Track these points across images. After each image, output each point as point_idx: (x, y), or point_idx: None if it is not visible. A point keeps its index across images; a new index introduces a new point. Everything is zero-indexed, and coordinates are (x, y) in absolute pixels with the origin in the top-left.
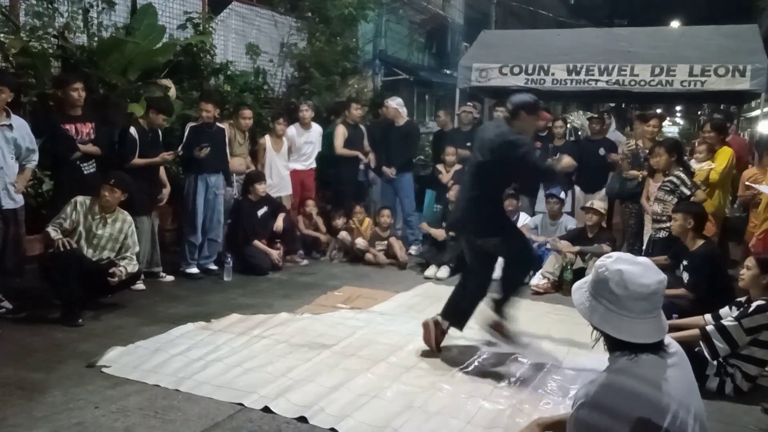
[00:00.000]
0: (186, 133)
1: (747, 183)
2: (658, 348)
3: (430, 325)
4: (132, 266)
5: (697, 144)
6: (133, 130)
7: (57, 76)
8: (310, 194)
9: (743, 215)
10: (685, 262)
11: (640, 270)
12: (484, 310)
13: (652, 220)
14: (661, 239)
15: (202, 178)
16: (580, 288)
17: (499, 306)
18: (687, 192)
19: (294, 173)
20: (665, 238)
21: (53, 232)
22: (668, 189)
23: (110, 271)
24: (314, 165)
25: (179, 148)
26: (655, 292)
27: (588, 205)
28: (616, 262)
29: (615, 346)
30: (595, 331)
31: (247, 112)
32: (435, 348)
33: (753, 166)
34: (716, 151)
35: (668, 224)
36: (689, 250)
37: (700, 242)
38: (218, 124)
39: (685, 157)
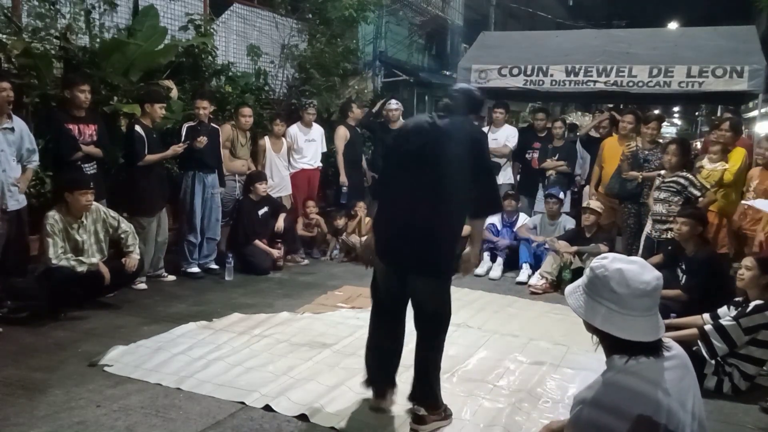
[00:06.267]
0: (183, 133)
1: (743, 202)
2: (657, 349)
3: None
4: (136, 252)
5: (709, 143)
6: (138, 128)
7: (65, 76)
8: (314, 193)
9: None
10: (683, 266)
11: (638, 268)
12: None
13: (653, 220)
14: (666, 240)
15: (198, 178)
16: (575, 291)
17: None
18: (697, 193)
19: (302, 172)
20: (672, 238)
21: (66, 262)
22: (674, 190)
23: (123, 260)
24: (320, 165)
25: (181, 143)
26: (655, 289)
27: (585, 205)
28: (613, 261)
29: (615, 348)
30: (594, 335)
31: (247, 110)
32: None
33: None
34: (730, 151)
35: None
36: (688, 253)
37: (701, 247)
38: (212, 124)
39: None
